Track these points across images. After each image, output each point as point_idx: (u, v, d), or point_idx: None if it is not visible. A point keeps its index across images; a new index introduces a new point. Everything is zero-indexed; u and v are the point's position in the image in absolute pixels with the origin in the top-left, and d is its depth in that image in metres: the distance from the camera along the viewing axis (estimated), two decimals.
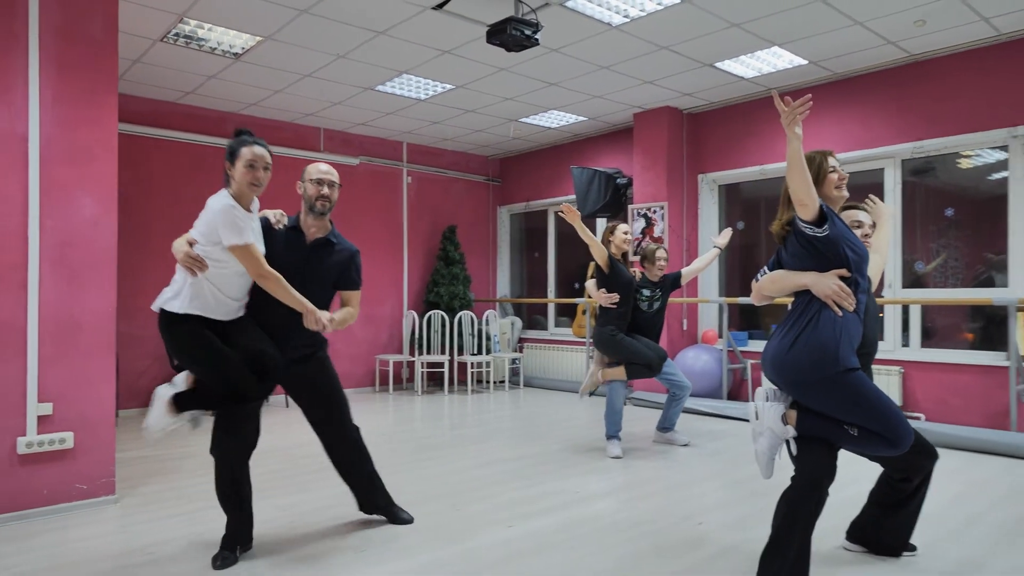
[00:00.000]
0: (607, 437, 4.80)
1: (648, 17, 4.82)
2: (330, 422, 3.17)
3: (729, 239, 5.01)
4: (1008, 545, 3.02)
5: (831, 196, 2.49)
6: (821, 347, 2.32)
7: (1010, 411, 4.86)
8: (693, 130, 7.23)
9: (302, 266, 2.94)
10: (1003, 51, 5.20)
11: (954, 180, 5.78)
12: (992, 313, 5.39)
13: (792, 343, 2.38)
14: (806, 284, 2.40)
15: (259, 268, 2.67)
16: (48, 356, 3.47)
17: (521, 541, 3.11)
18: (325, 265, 3.00)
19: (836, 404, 2.34)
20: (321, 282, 3.00)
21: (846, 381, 2.31)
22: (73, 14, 3.60)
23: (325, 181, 2.99)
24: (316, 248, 2.99)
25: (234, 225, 2.60)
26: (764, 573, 2.35)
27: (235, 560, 2.83)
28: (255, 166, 2.71)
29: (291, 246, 2.96)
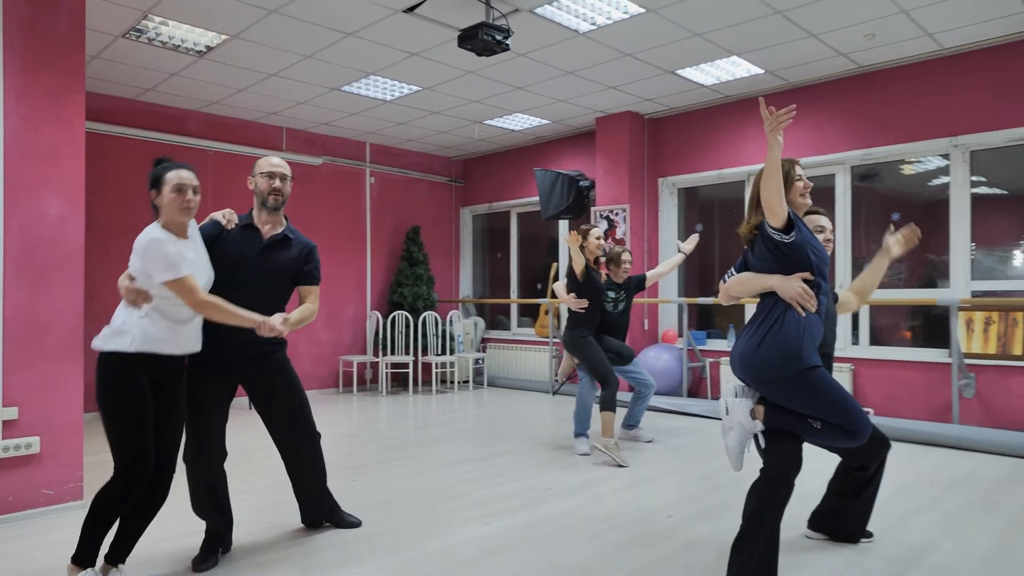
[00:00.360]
0: (575, 435, 4.90)
1: (614, 25, 4.95)
2: (289, 428, 3.08)
3: (695, 245, 5.14)
4: (955, 530, 3.23)
5: (796, 202, 2.63)
6: (787, 346, 2.45)
7: (952, 405, 5.15)
8: (654, 135, 7.41)
9: (258, 264, 2.87)
10: (946, 65, 5.50)
11: (898, 186, 6.09)
12: (928, 311, 5.70)
13: (759, 343, 2.51)
14: (772, 286, 2.53)
15: (195, 299, 2.52)
16: (13, 359, 3.40)
17: (500, 536, 3.18)
18: (283, 262, 2.93)
19: (801, 399, 2.48)
20: (279, 280, 2.93)
21: (810, 378, 2.45)
22: (39, 10, 3.52)
23: (276, 174, 2.90)
24: (272, 245, 2.92)
25: (165, 260, 2.47)
26: (736, 561, 2.48)
27: (215, 563, 2.83)
28: (183, 190, 2.56)
29: (246, 244, 2.88)
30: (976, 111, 5.36)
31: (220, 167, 7.13)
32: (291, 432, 3.09)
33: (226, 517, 2.93)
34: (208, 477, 2.88)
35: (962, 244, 5.49)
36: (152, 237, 2.51)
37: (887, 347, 5.91)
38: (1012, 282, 5.36)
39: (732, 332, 6.91)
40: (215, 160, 7.11)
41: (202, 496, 2.89)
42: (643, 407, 5.23)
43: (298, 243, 3.00)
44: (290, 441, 3.11)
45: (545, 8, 4.65)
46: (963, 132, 5.43)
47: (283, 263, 2.93)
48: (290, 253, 2.95)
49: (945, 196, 5.64)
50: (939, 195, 5.74)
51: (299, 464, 3.16)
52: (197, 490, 2.90)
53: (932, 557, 2.91)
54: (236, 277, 2.82)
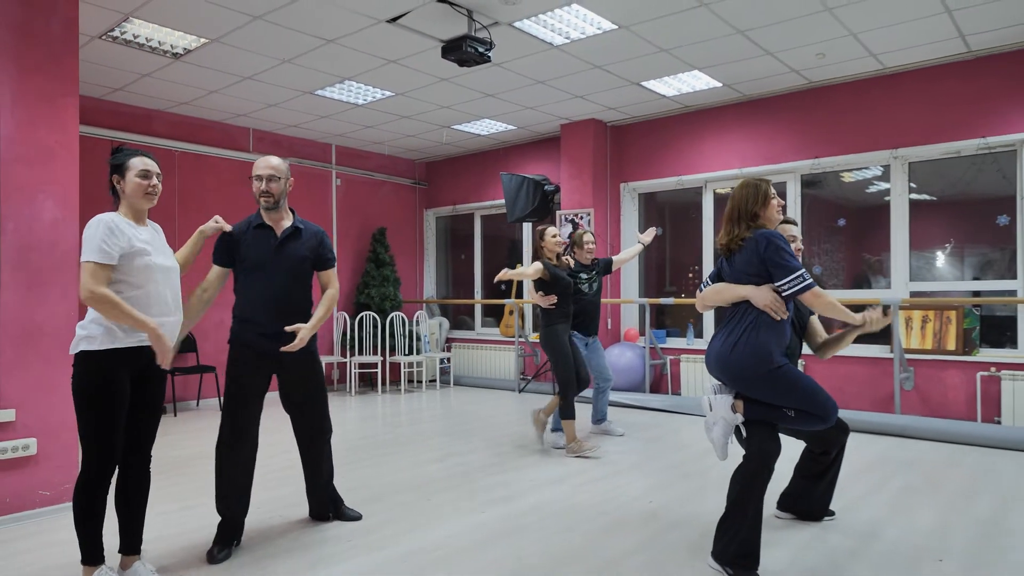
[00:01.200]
0: (552, 430, 5.14)
1: (587, 39, 5.20)
2: (313, 419, 3.27)
3: (652, 237, 5.48)
4: (902, 508, 3.60)
5: (772, 218, 2.88)
6: (759, 349, 2.71)
7: (895, 397, 5.60)
8: (616, 142, 7.72)
9: (277, 259, 3.06)
10: (888, 82, 5.96)
11: (840, 192, 6.55)
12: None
13: (733, 346, 2.75)
14: (747, 295, 2.76)
15: (91, 288, 2.45)
16: (9, 362, 3.42)
17: (493, 525, 3.38)
18: (300, 253, 3.11)
19: (776, 394, 2.75)
20: (299, 270, 3.11)
21: (780, 375, 2.72)
22: (33, 13, 3.55)
23: (263, 176, 3.07)
24: (286, 239, 3.10)
25: (90, 240, 2.49)
26: (722, 537, 2.75)
27: (229, 555, 2.94)
28: (148, 175, 2.64)
29: (261, 242, 3.08)
30: (914, 126, 5.84)
31: (187, 168, 7.10)
32: (313, 423, 3.27)
33: (245, 509, 3.05)
34: (243, 466, 3.03)
35: (902, 249, 5.96)
36: (99, 218, 2.54)
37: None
38: (946, 283, 5.85)
39: (691, 330, 7.27)
40: (181, 160, 7.07)
41: (232, 488, 3.01)
42: (605, 400, 5.50)
43: (308, 231, 3.18)
44: (310, 432, 3.28)
45: (524, 22, 4.87)
46: (903, 145, 5.90)
47: (300, 254, 3.12)
48: (304, 243, 3.14)
49: (881, 201, 6.11)
50: (876, 201, 6.22)
51: (314, 455, 3.31)
52: (229, 482, 3.01)
53: (885, 531, 3.25)
54: (259, 273, 3.01)
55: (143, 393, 2.68)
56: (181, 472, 4.41)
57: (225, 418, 3.04)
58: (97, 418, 2.54)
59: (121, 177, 2.65)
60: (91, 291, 2.45)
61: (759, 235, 2.74)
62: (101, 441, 2.55)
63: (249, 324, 3.04)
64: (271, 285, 3.05)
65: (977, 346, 5.61)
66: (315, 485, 3.37)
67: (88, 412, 2.55)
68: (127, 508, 2.72)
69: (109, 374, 2.54)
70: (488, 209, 9.08)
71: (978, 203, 5.85)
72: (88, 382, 2.54)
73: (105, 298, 2.46)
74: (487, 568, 2.85)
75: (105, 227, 2.52)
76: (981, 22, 4.89)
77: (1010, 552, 2.98)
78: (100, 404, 2.54)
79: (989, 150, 5.58)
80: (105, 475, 2.57)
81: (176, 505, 3.68)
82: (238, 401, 3.03)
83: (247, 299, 3.08)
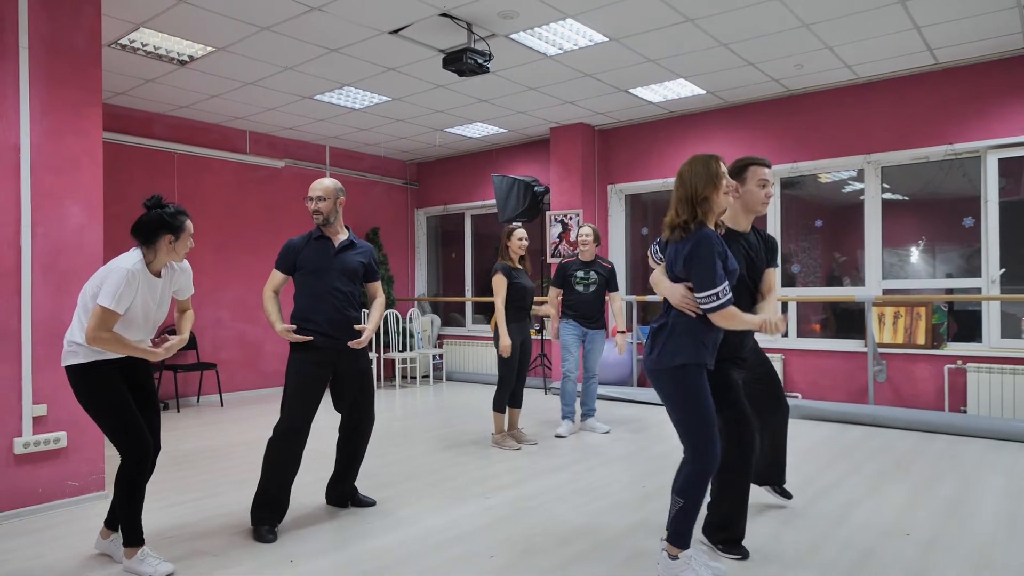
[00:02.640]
0: (562, 417, 5.46)
1: (579, 50, 5.46)
2: (362, 410, 3.57)
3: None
4: (875, 490, 3.92)
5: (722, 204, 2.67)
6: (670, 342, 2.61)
7: (868, 389, 5.95)
8: (604, 145, 8.00)
9: (335, 267, 3.43)
10: (862, 91, 6.30)
11: (817, 192, 6.89)
12: (836, 306, 6.52)
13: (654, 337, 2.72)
14: (664, 293, 2.72)
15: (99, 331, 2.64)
16: (41, 359, 3.61)
17: (501, 508, 3.64)
18: (354, 263, 3.50)
19: (664, 393, 2.63)
20: (352, 277, 3.49)
21: (677, 375, 2.57)
22: (59, 28, 3.73)
23: (313, 197, 3.47)
24: (342, 250, 3.49)
25: (115, 291, 2.66)
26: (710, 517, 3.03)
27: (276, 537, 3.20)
28: (192, 235, 2.91)
29: (322, 252, 3.45)
30: (886, 132, 6.18)
31: (185, 169, 7.26)
32: (363, 415, 3.56)
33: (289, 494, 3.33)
34: (296, 457, 3.32)
35: (875, 249, 6.31)
36: (129, 269, 2.70)
37: (811, 339, 6.70)
38: (915, 281, 6.21)
39: None
40: (180, 162, 7.22)
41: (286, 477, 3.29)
42: (589, 394, 5.57)
43: (360, 246, 3.57)
44: (359, 428, 3.57)
45: (520, 34, 5.11)
46: (875, 150, 6.24)
47: (354, 264, 3.49)
48: (357, 255, 3.52)
49: (856, 201, 6.46)
50: (852, 200, 6.57)
51: (355, 444, 3.59)
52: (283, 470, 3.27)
53: (859, 509, 3.56)
54: (318, 278, 3.38)
55: (139, 393, 2.91)
56: (188, 467, 4.61)
57: (286, 412, 3.31)
58: (109, 413, 2.78)
59: (175, 238, 2.82)
60: (97, 335, 2.65)
61: (695, 240, 2.55)
62: (126, 430, 2.78)
63: (310, 324, 3.36)
64: (328, 288, 3.39)
65: (945, 340, 5.97)
66: (347, 475, 3.63)
67: (100, 411, 2.79)
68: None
69: (101, 374, 2.78)
70: (478, 209, 9.32)
71: (946, 204, 6.21)
72: (85, 388, 2.77)
73: (109, 339, 2.67)
74: (501, 544, 3.11)
75: (128, 280, 2.69)
76: (948, 37, 5.23)
77: (971, 528, 3.30)
78: (105, 400, 2.77)
79: (956, 156, 5.94)
80: (143, 458, 2.81)
81: (192, 495, 3.89)
82: (300, 397, 3.31)
83: (307, 301, 3.38)
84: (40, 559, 2.99)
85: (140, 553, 2.81)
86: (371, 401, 3.59)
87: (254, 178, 7.88)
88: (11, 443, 3.51)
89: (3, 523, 3.43)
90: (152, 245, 2.80)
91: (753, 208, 2.99)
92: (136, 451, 2.80)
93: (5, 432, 3.49)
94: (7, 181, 3.53)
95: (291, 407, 3.30)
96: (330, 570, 2.85)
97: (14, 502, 3.50)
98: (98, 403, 2.78)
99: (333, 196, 3.48)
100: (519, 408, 5.21)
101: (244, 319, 7.67)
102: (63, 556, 3.01)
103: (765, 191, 2.95)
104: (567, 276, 5.46)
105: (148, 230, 2.79)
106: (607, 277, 5.47)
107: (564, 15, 4.78)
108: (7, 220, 3.53)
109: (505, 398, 5.08)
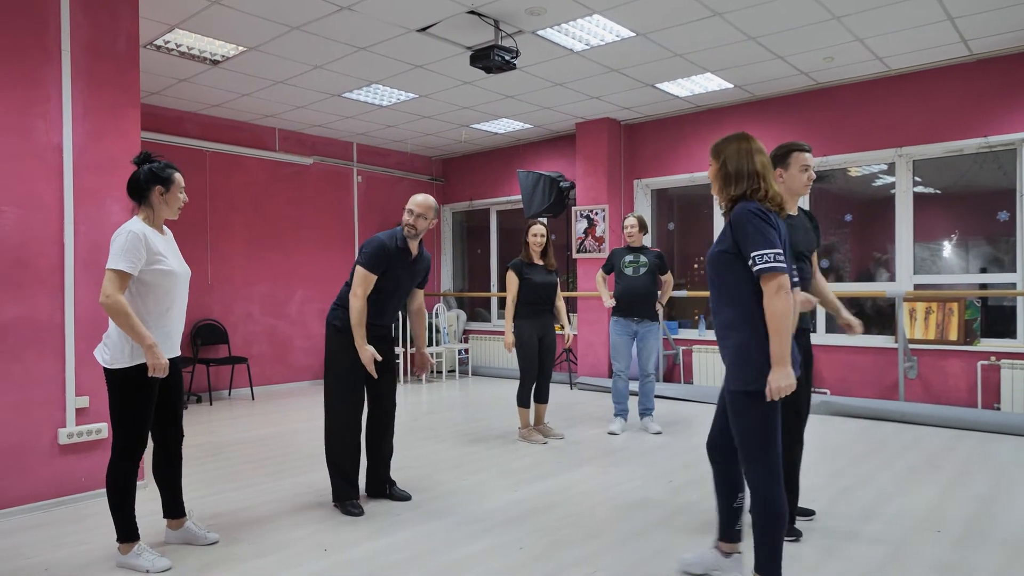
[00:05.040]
0: (614, 414, 5.47)
1: (605, 46, 5.46)
2: (386, 401, 3.72)
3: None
4: (905, 487, 3.89)
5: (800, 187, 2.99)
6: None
7: (898, 385, 5.89)
8: (629, 140, 7.98)
9: (410, 274, 3.68)
10: (893, 84, 6.21)
11: (847, 186, 6.82)
12: (866, 302, 6.44)
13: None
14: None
15: (112, 296, 2.68)
16: (83, 353, 3.72)
17: (530, 501, 3.69)
18: (421, 272, 3.79)
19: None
20: (415, 283, 3.79)
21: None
22: (100, 31, 3.83)
23: (416, 213, 3.61)
24: (417, 260, 3.71)
25: (123, 250, 2.70)
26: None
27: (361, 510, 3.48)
28: (183, 189, 2.96)
29: (403, 260, 3.62)
30: (918, 125, 6.09)
31: (216, 166, 7.39)
32: (388, 404, 3.70)
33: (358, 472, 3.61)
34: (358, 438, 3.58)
35: (906, 244, 6.22)
36: (131, 230, 2.75)
37: (841, 334, 6.63)
38: (947, 276, 6.12)
39: (703, 322, 7.55)
40: (212, 160, 7.36)
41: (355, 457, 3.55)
42: (646, 392, 5.46)
43: (425, 257, 3.77)
44: (384, 416, 3.71)
45: (547, 31, 5.13)
46: (907, 143, 6.16)
47: (422, 273, 3.81)
48: (424, 265, 3.77)
49: (887, 194, 6.38)
50: (882, 194, 6.49)
51: (382, 433, 3.71)
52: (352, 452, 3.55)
53: (889, 505, 3.54)
54: (395, 284, 3.60)
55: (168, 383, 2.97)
56: (221, 458, 4.72)
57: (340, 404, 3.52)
58: (136, 419, 2.81)
59: (166, 190, 2.87)
60: (110, 296, 2.68)
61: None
62: (138, 435, 2.82)
63: (371, 321, 3.55)
64: (398, 301, 3.68)
65: (978, 336, 5.88)
66: (378, 464, 3.74)
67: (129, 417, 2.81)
68: (172, 479, 3.06)
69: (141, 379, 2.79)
70: (503, 204, 9.36)
71: (980, 198, 6.11)
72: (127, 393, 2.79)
73: (120, 306, 2.69)
74: (530, 535, 3.16)
75: (135, 238, 2.73)
76: (982, 28, 5.14)
77: (1002, 524, 3.27)
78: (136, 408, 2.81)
79: (990, 148, 5.83)
80: (137, 459, 2.85)
81: (225, 486, 4.00)
82: (353, 387, 3.53)
83: (377, 307, 3.57)
84: (84, 545, 3.10)
85: (136, 548, 2.84)
86: (393, 396, 3.75)
87: (283, 175, 8.00)
88: (56, 433, 3.63)
89: (50, 510, 3.56)
90: (146, 201, 2.86)
91: (797, 191, 3.08)
92: (136, 452, 2.84)
93: (50, 423, 3.61)
94: (51, 181, 3.65)
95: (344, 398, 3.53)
96: (361, 559, 2.91)
97: (59, 490, 3.63)
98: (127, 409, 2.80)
99: (431, 217, 3.64)
100: (545, 403, 5.25)
101: (274, 314, 7.80)
102: (107, 543, 3.11)
103: (807, 175, 3.05)
104: (615, 262, 5.44)
105: (139, 185, 2.86)
106: (658, 262, 5.40)
107: (591, 11, 4.78)
108: (51, 218, 3.65)
109: (527, 393, 5.12)
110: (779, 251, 2.28)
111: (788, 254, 2.40)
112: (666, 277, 5.50)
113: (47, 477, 3.60)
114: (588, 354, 7.93)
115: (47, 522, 3.40)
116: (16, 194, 3.54)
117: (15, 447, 3.51)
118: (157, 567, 2.81)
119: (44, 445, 3.60)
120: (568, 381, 7.93)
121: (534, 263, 5.18)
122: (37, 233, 3.60)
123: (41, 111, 3.62)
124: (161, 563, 2.82)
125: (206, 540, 3.06)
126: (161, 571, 2.80)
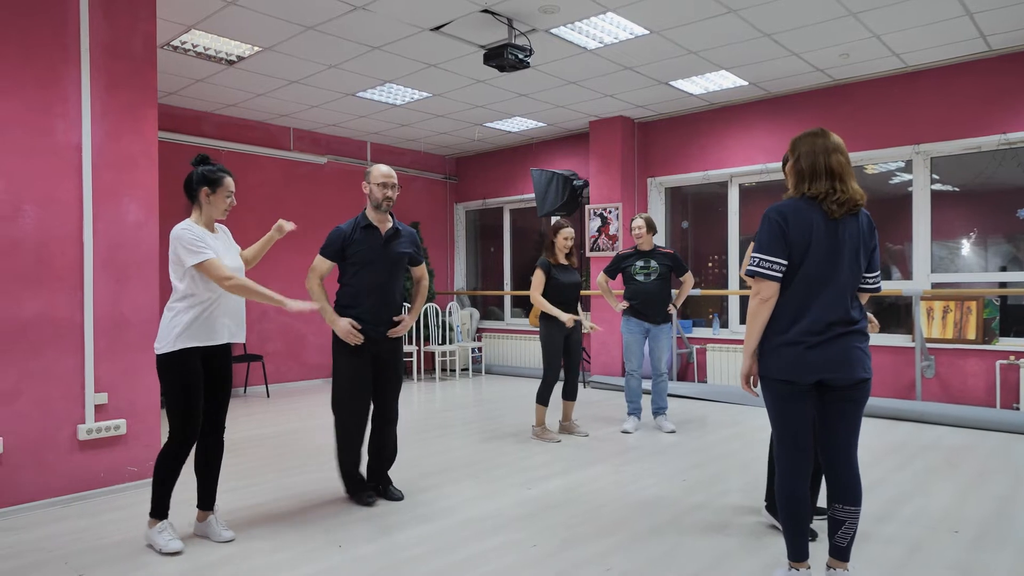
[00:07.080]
0: (627, 413, 5.47)
1: (619, 44, 5.45)
2: (389, 401, 3.67)
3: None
4: (923, 487, 3.86)
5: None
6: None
7: (916, 384, 5.83)
8: (643, 138, 7.96)
9: (385, 254, 3.54)
10: (910, 80, 6.15)
11: (866, 184, 6.75)
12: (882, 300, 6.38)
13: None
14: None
15: (220, 276, 2.88)
16: (102, 350, 3.77)
17: (542, 499, 3.69)
18: (401, 249, 3.61)
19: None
20: (400, 263, 3.62)
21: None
22: (118, 32, 3.88)
23: (389, 184, 3.54)
24: (391, 238, 3.58)
25: (191, 247, 2.85)
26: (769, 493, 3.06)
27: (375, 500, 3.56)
28: (233, 193, 3.07)
29: (371, 241, 3.53)
30: (936, 122, 6.02)
31: (232, 166, 7.44)
32: (391, 405, 3.67)
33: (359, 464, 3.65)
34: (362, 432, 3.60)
35: (923, 242, 6.16)
36: (183, 227, 2.91)
37: None
38: (966, 274, 6.05)
39: (716, 321, 7.51)
40: (228, 159, 7.42)
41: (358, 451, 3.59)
42: (658, 391, 5.45)
43: (405, 232, 3.65)
44: (386, 415, 3.67)
45: (560, 29, 5.13)
46: (924, 141, 6.09)
47: (401, 250, 3.61)
48: (404, 241, 3.63)
49: (904, 192, 6.32)
50: (898, 192, 6.43)
51: (384, 435, 3.69)
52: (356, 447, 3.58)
53: (906, 506, 3.51)
54: (368, 267, 3.49)
55: (211, 369, 3.05)
56: (238, 454, 4.77)
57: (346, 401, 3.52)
58: (186, 402, 2.92)
59: (212, 191, 3.00)
60: (222, 276, 2.88)
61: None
62: (189, 419, 2.94)
63: (356, 311, 3.49)
64: (378, 277, 3.52)
65: (996, 335, 5.81)
66: (379, 463, 3.72)
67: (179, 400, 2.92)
68: (208, 471, 3.13)
69: (190, 363, 2.93)
70: (517, 203, 9.36)
71: (999, 195, 6.03)
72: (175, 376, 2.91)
73: (242, 285, 2.94)
74: (541, 533, 3.16)
75: (189, 235, 2.89)
76: (1001, 23, 5.07)
77: (1021, 525, 3.23)
78: (186, 391, 2.92)
79: (1010, 145, 5.76)
80: (189, 444, 2.96)
81: (243, 482, 4.03)
82: (354, 382, 3.51)
83: (355, 290, 3.51)
84: (103, 540, 3.14)
85: (160, 525, 2.97)
86: (396, 394, 3.69)
87: (297, 174, 8.05)
88: (75, 429, 3.68)
89: (69, 505, 3.61)
90: (196, 200, 3.01)
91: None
92: (188, 437, 2.95)
93: (70, 419, 3.66)
94: (70, 180, 3.70)
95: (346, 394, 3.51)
96: (376, 555, 2.93)
97: (79, 486, 3.68)
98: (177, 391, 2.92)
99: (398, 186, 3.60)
100: (573, 401, 5.27)
101: (287, 312, 7.83)
102: (125, 538, 3.15)
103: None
104: (622, 267, 5.38)
105: (190, 185, 3.01)
106: (670, 265, 5.33)
107: (604, 9, 4.77)
108: (71, 217, 3.69)
109: (548, 391, 5.12)
110: (769, 257, 2.37)
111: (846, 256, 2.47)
112: (685, 277, 5.46)
113: (67, 473, 3.65)
114: (601, 353, 7.92)
115: (66, 516, 3.45)
116: (36, 194, 3.59)
117: (35, 443, 3.57)
118: (169, 548, 2.91)
119: (64, 441, 3.65)
120: (581, 380, 7.93)
121: (560, 263, 5.17)
122: (57, 232, 3.65)
123: (60, 111, 3.67)
124: (174, 544, 2.92)
125: (221, 537, 3.08)
126: (171, 552, 2.90)
